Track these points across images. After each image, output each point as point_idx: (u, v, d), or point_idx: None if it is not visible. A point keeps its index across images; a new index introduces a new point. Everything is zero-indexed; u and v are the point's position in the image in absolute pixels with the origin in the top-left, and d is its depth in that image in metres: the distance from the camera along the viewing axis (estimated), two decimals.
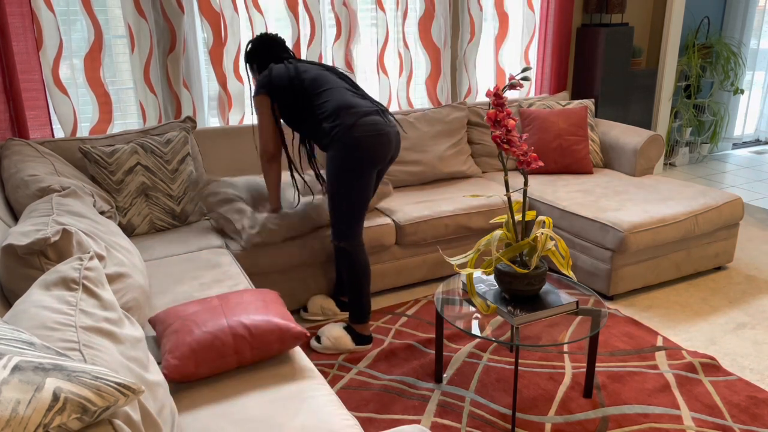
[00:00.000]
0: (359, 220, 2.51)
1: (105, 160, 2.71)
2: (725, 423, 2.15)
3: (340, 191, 2.46)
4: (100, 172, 2.70)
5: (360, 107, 2.45)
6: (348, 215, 2.48)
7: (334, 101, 2.47)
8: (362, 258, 2.55)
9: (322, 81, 2.54)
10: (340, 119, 2.42)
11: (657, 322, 2.86)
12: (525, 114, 3.82)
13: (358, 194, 2.46)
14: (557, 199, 3.29)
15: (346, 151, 2.41)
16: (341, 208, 2.48)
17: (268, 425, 1.48)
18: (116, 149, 2.75)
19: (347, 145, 2.40)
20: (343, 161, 2.42)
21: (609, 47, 4.21)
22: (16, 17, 2.77)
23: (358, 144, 2.40)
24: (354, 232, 2.51)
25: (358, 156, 2.41)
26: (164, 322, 1.81)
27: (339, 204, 2.48)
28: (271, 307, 1.86)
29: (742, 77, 5.65)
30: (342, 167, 2.43)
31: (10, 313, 1.23)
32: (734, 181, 5.03)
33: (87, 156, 2.71)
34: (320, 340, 2.63)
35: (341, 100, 2.47)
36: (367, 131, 2.42)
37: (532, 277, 2.09)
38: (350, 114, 2.42)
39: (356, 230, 2.52)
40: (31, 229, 1.69)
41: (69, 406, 0.86)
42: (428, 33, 3.78)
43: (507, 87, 2.04)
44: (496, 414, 2.22)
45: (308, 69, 2.59)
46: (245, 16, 3.32)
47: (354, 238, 2.52)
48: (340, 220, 2.50)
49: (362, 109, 2.44)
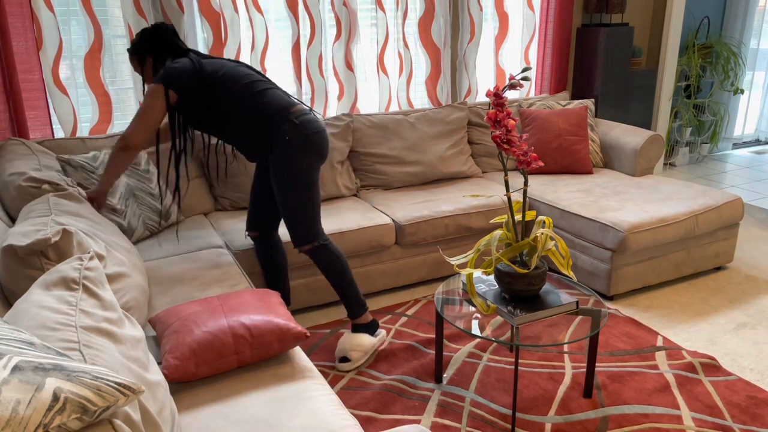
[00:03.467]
0: (319, 216, 2.47)
1: (90, 164, 2.66)
2: (725, 423, 2.15)
3: (301, 193, 2.38)
4: (89, 176, 2.64)
5: (300, 106, 2.39)
6: (311, 216, 2.42)
7: (275, 102, 2.36)
8: (337, 249, 2.50)
9: (251, 79, 2.38)
10: (288, 121, 2.34)
11: (657, 322, 2.86)
12: (525, 114, 3.82)
13: (315, 193, 2.42)
14: (557, 199, 3.29)
15: (301, 153, 2.34)
16: (304, 210, 2.40)
17: (268, 425, 1.48)
18: (96, 155, 2.72)
19: (300, 146, 2.33)
20: (301, 163, 2.35)
21: (609, 47, 4.21)
22: (16, 17, 2.77)
23: (310, 143, 2.35)
24: (320, 229, 2.46)
25: (312, 156, 2.37)
26: (164, 322, 1.81)
27: (300, 206, 2.39)
28: (272, 308, 1.86)
29: (742, 77, 5.65)
30: (299, 169, 2.35)
31: (10, 313, 1.23)
32: (734, 181, 5.03)
33: (69, 164, 2.63)
34: (348, 357, 2.52)
35: (281, 100, 2.38)
36: (315, 129, 2.37)
37: (532, 277, 2.09)
38: (295, 114, 2.35)
39: (320, 227, 2.47)
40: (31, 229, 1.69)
41: (69, 406, 0.86)
42: (428, 33, 3.78)
43: (507, 87, 2.04)
44: (496, 414, 2.22)
45: (224, 64, 2.39)
46: (245, 16, 3.32)
47: (321, 234, 2.46)
48: (305, 222, 2.41)
49: (304, 109, 2.38)
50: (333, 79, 3.62)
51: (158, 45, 2.41)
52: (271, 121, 2.34)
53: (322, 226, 2.94)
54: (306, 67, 3.49)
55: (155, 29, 2.41)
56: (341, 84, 3.62)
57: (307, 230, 2.42)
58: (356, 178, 3.53)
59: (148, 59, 2.43)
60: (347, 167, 3.48)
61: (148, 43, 2.41)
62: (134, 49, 2.45)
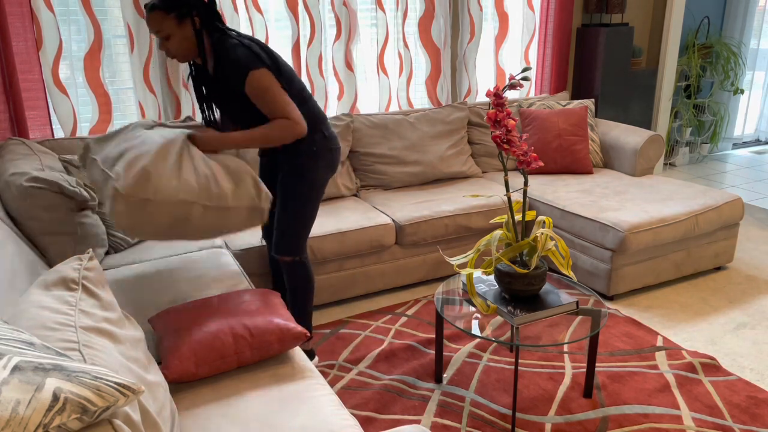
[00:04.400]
0: (309, 232, 2.43)
1: None
2: (725, 423, 2.15)
3: (306, 205, 2.33)
4: None
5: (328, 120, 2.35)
6: (306, 230, 2.39)
7: (315, 111, 2.30)
8: (312, 271, 2.47)
9: (301, 81, 2.29)
10: (320, 131, 2.30)
11: (657, 322, 2.86)
12: (525, 114, 3.82)
13: (317, 209, 2.40)
14: (557, 199, 3.29)
15: (323, 165, 2.32)
16: (302, 222, 2.35)
17: (268, 425, 1.48)
18: None
19: (323, 158, 2.31)
20: (317, 175, 2.32)
21: (609, 47, 4.21)
22: (16, 17, 2.77)
23: (332, 158, 2.35)
24: (305, 245, 2.43)
25: (329, 170, 2.36)
26: (164, 322, 1.81)
27: (301, 218, 2.34)
28: (272, 308, 1.86)
29: (742, 77, 5.65)
30: (315, 181, 2.32)
31: (10, 313, 1.23)
32: (734, 181, 5.03)
33: (72, 164, 2.61)
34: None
35: (319, 110, 2.32)
36: (336, 145, 2.36)
37: (532, 277, 2.09)
38: (327, 126, 2.33)
39: (306, 242, 2.43)
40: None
41: (69, 406, 0.86)
42: (428, 33, 3.78)
43: (507, 87, 2.04)
44: (496, 414, 2.22)
45: (280, 58, 2.21)
46: (245, 16, 3.32)
47: (305, 250, 2.43)
48: (298, 234, 2.37)
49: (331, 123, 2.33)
50: (333, 79, 3.62)
51: (204, 4, 2.06)
52: (311, 129, 2.28)
53: (322, 226, 2.94)
54: (306, 67, 3.49)
55: None
56: (341, 84, 3.62)
57: (297, 243, 2.38)
58: (356, 178, 3.53)
59: (195, 19, 2.04)
60: (347, 167, 3.48)
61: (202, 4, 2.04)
62: (172, 3, 2.00)
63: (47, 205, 2.22)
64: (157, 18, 2.01)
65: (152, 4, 2.01)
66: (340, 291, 3.05)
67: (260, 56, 2.06)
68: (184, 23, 2.04)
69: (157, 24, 2.02)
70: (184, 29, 2.05)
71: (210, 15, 2.08)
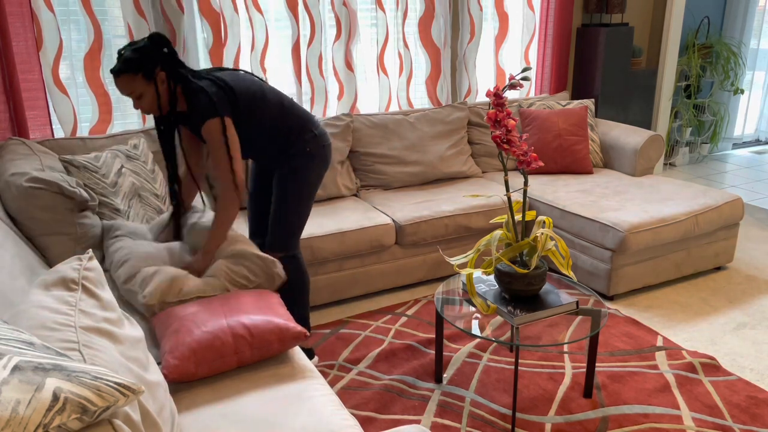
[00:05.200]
0: (302, 229, 2.48)
1: (93, 164, 2.65)
2: (725, 423, 2.15)
3: (301, 203, 2.39)
4: (92, 176, 2.63)
5: (315, 117, 2.44)
6: (299, 226, 2.43)
7: (300, 113, 2.39)
8: (305, 265, 2.51)
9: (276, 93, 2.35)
10: (310, 131, 2.37)
11: (657, 322, 2.86)
12: (525, 114, 3.82)
13: (311, 205, 2.45)
14: (557, 199, 3.29)
15: (317, 163, 2.39)
16: (296, 219, 2.40)
17: (268, 425, 1.48)
18: (98, 155, 2.72)
19: (317, 156, 2.38)
20: (313, 173, 2.39)
21: (609, 47, 4.21)
22: (16, 17, 2.77)
23: (325, 154, 2.41)
24: (298, 241, 2.47)
25: (323, 167, 2.42)
26: (164, 322, 1.81)
27: (295, 215, 2.39)
28: (271, 307, 1.86)
29: (742, 77, 5.65)
30: (310, 179, 2.39)
31: (10, 313, 1.23)
32: (734, 181, 5.03)
33: (72, 164, 2.61)
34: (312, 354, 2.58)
35: (303, 111, 2.41)
36: (328, 141, 2.44)
37: (532, 277, 2.09)
38: (315, 125, 2.40)
39: (299, 238, 2.47)
40: None
41: (69, 406, 0.86)
42: (428, 33, 3.78)
43: (507, 87, 2.04)
44: (496, 414, 2.22)
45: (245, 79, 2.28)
46: (245, 16, 3.32)
47: (298, 245, 2.47)
48: (292, 231, 2.41)
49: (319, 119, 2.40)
50: (333, 79, 3.62)
51: (166, 56, 2.10)
52: (299, 132, 2.35)
53: (322, 226, 2.94)
54: (306, 67, 3.49)
55: (154, 41, 2.08)
56: (341, 84, 3.62)
57: (289, 239, 2.41)
58: (356, 178, 3.53)
59: (159, 74, 2.08)
60: (347, 167, 3.48)
61: (155, 54, 2.07)
62: (136, 64, 2.03)
63: (47, 205, 2.22)
64: (125, 81, 2.06)
65: (118, 69, 2.04)
66: (340, 291, 3.05)
67: (216, 105, 2.10)
68: (152, 80, 2.09)
69: (128, 86, 2.07)
70: (153, 85, 2.10)
71: (174, 64, 2.13)
